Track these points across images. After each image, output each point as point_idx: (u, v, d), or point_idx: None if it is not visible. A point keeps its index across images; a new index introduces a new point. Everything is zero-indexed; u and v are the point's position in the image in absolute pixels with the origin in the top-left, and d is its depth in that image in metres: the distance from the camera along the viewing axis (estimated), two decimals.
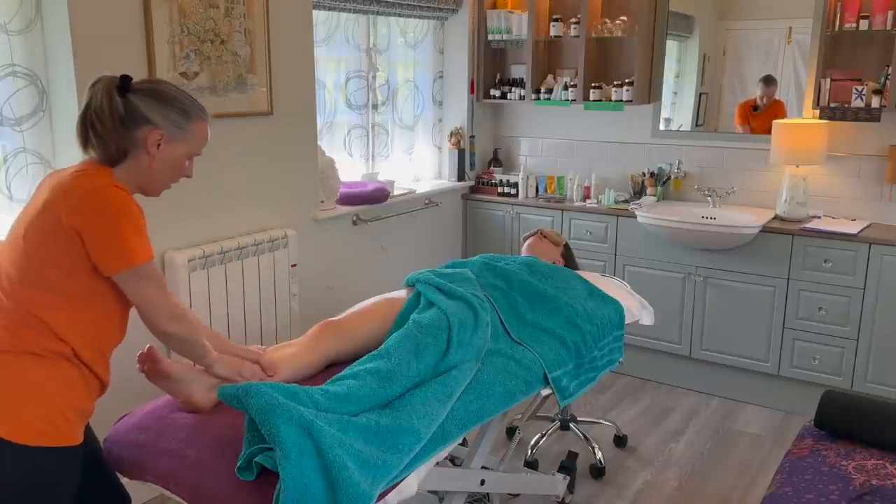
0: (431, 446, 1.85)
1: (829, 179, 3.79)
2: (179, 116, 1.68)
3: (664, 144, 4.19)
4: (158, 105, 1.65)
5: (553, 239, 3.05)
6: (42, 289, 1.58)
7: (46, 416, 1.56)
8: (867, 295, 3.41)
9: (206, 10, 2.82)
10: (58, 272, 1.58)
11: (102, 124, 1.62)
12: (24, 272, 1.59)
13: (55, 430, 1.57)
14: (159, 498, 2.56)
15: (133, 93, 1.64)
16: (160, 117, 1.65)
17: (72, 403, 1.61)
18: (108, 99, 1.62)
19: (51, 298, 1.58)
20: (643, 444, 3.42)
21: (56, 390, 1.58)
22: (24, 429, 1.53)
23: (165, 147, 1.67)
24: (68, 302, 1.59)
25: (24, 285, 1.59)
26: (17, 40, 2.46)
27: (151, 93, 1.66)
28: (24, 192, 2.54)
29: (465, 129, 4.53)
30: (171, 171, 1.72)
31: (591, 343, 2.45)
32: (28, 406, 1.55)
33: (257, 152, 3.15)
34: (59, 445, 1.58)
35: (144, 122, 1.64)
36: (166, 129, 1.66)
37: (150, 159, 1.66)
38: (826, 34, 3.56)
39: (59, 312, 1.58)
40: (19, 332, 1.56)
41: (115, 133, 1.63)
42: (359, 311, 2.28)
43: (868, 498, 1.99)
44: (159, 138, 1.66)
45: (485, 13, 4.40)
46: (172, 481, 1.74)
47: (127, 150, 1.65)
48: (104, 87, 1.63)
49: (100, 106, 1.62)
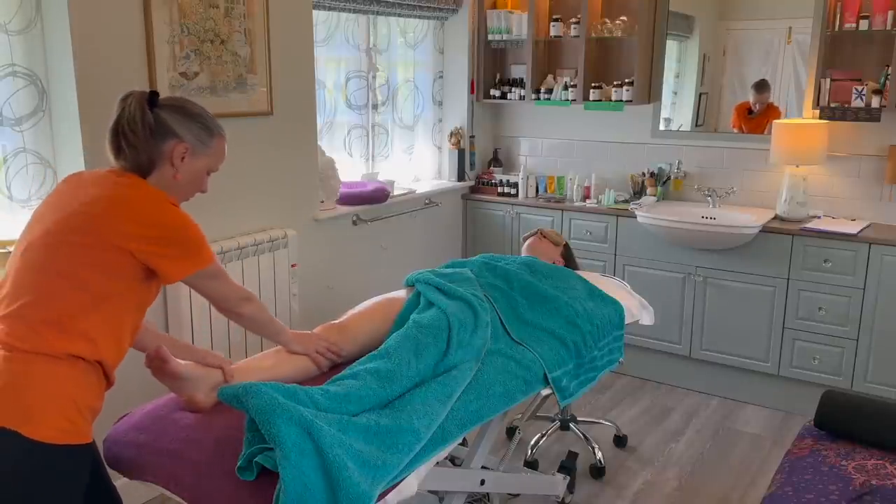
0: (431, 446, 1.85)
1: (829, 179, 3.79)
2: (203, 132, 1.77)
3: (664, 144, 4.19)
4: (185, 120, 1.75)
5: (553, 239, 3.04)
6: (79, 291, 1.60)
7: (67, 415, 1.57)
8: (867, 295, 3.42)
9: (206, 10, 2.83)
10: (98, 277, 1.61)
11: (135, 135, 1.70)
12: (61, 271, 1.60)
13: (75, 429, 1.58)
14: (159, 498, 2.56)
15: (160, 108, 1.73)
16: (186, 131, 1.74)
17: (87, 402, 1.63)
18: (140, 111, 1.69)
19: (86, 301, 1.60)
20: (643, 444, 3.42)
21: (74, 388, 1.59)
22: (47, 427, 1.55)
23: (189, 160, 1.76)
24: (103, 305, 1.62)
25: (59, 286, 1.59)
26: (17, 40, 2.46)
27: (178, 108, 1.76)
28: (24, 192, 2.54)
29: (465, 129, 4.53)
30: (192, 185, 1.81)
31: (591, 343, 2.45)
32: (50, 405, 1.56)
33: (257, 152, 3.15)
34: (77, 443, 1.59)
35: (171, 135, 1.72)
36: (191, 142, 1.75)
37: (175, 171, 1.75)
38: (826, 34, 3.56)
39: (92, 315, 1.60)
40: (45, 332, 1.57)
41: (146, 143, 1.71)
42: (359, 311, 2.28)
43: (868, 498, 1.99)
44: (184, 151, 1.74)
45: (485, 13, 4.40)
46: (172, 481, 1.74)
47: (155, 161, 1.73)
48: (137, 101, 1.71)
49: (132, 117, 1.70)
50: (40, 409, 1.55)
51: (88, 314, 1.60)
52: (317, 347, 2.05)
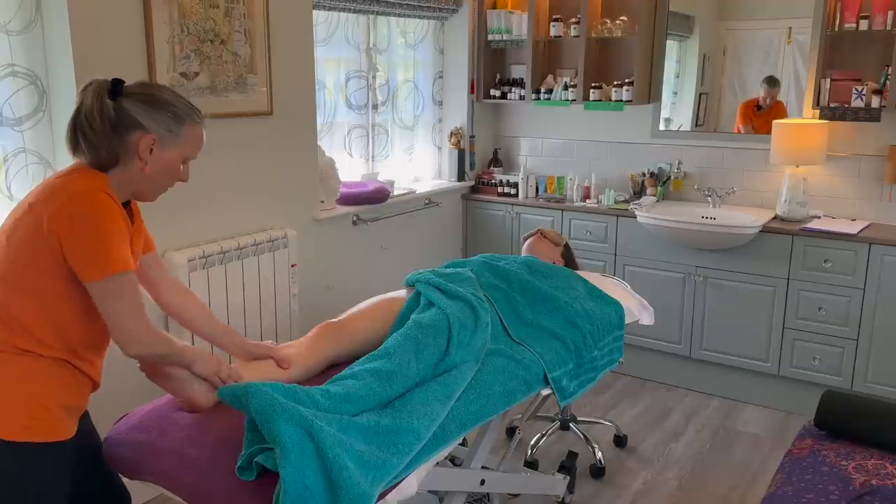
0: (431, 446, 1.85)
1: (829, 179, 3.79)
2: (171, 121, 1.64)
3: (664, 144, 4.19)
4: (149, 109, 1.62)
5: (553, 239, 3.04)
6: (18, 290, 1.57)
7: (30, 412, 1.56)
8: (867, 295, 3.41)
9: (206, 10, 2.83)
10: (32, 272, 1.56)
11: (93, 129, 1.60)
12: (4, 271, 1.58)
13: (40, 425, 1.57)
14: (159, 498, 2.55)
15: (125, 97, 1.62)
16: (151, 122, 1.62)
17: (57, 399, 1.61)
18: (98, 103, 1.59)
19: (24, 299, 1.57)
20: (643, 444, 3.42)
21: (38, 386, 1.58)
22: (8, 424, 1.54)
23: (158, 152, 1.64)
24: (41, 303, 1.57)
25: (2, 282, 1.58)
26: (17, 40, 2.46)
27: (143, 97, 1.63)
28: (24, 193, 2.53)
29: (465, 129, 4.53)
30: (166, 176, 1.69)
31: (591, 343, 2.45)
32: (9, 401, 1.55)
33: (257, 152, 3.15)
34: (46, 441, 1.58)
35: (136, 126, 1.61)
36: (158, 133, 1.63)
37: (143, 164, 1.64)
38: (826, 34, 3.56)
39: (34, 313, 1.57)
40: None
41: (106, 138, 1.60)
42: (359, 311, 2.27)
43: (868, 498, 1.99)
44: (151, 143, 1.63)
45: (485, 13, 4.40)
46: (172, 481, 1.74)
47: (119, 155, 1.63)
48: (95, 91, 1.60)
49: (90, 110, 1.59)
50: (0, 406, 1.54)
51: (30, 312, 1.57)
52: (219, 373, 1.81)
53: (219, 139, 2.86)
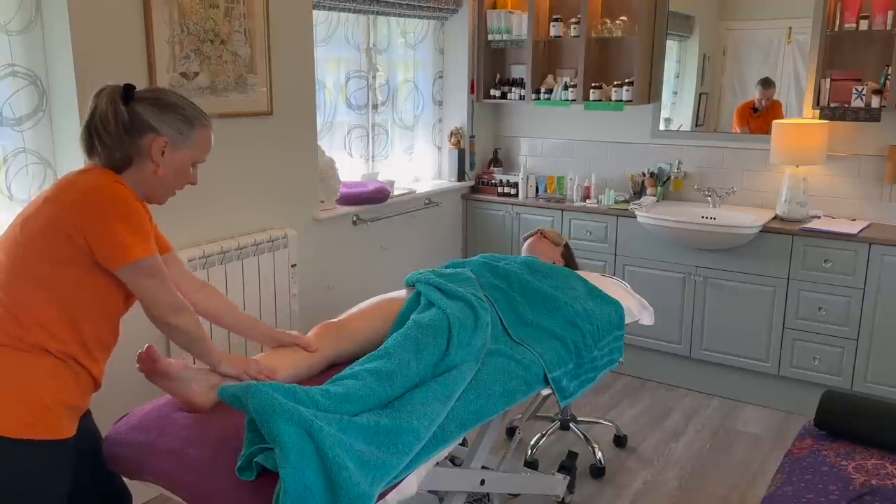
0: (431, 446, 1.85)
1: (829, 179, 3.79)
2: (182, 123, 1.71)
3: (664, 144, 4.19)
4: (161, 113, 1.69)
5: (553, 239, 3.04)
6: (32, 282, 1.60)
7: (31, 409, 1.57)
8: (867, 295, 3.41)
9: (206, 11, 2.83)
10: (46, 266, 1.59)
11: (107, 132, 1.66)
12: (17, 263, 1.61)
13: (40, 423, 1.57)
14: (159, 498, 2.56)
15: (136, 101, 1.68)
16: (163, 125, 1.69)
17: (58, 397, 1.61)
18: (112, 107, 1.65)
19: (38, 291, 1.59)
20: (643, 444, 3.42)
21: (40, 383, 1.59)
22: (8, 420, 1.54)
23: (170, 154, 1.71)
24: (55, 295, 1.60)
25: (15, 276, 1.60)
26: (17, 40, 2.46)
27: (154, 101, 1.70)
28: (24, 193, 2.54)
29: (465, 129, 4.53)
30: (177, 179, 1.76)
31: (591, 343, 2.45)
32: (10, 398, 1.56)
33: (257, 152, 3.15)
34: (46, 438, 1.58)
35: (148, 129, 1.67)
36: (170, 136, 1.70)
37: (156, 167, 1.70)
38: (826, 34, 3.56)
39: (47, 305, 1.59)
40: (5, 325, 1.58)
41: (120, 141, 1.66)
42: (359, 311, 2.28)
43: (868, 498, 1.99)
44: (163, 146, 1.69)
45: (485, 13, 4.40)
46: (172, 481, 1.74)
47: (132, 157, 1.69)
48: (108, 96, 1.66)
49: (104, 114, 1.65)
50: (1, 401, 1.55)
51: (43, 306, 1.59)
52: (248, 371, 1.86)
53: (219, 139, 2.83)
